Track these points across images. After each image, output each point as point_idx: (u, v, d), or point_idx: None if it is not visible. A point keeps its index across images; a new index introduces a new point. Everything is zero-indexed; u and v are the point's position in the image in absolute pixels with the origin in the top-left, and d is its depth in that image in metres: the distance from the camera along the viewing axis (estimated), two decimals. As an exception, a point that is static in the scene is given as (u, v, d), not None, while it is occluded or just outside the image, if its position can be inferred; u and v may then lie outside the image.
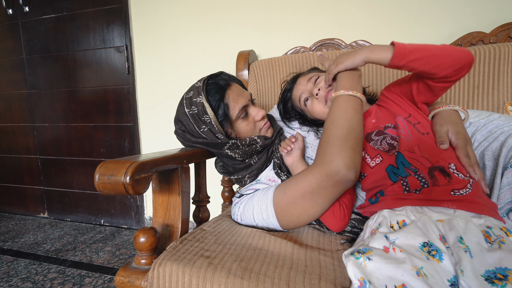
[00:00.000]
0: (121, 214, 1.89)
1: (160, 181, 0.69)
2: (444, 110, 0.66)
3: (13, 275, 1.32)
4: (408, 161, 0.60)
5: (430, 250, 0.44)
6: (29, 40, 1.90)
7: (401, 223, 0.51)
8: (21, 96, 1.99)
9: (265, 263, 0.53)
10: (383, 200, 0.61)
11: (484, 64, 0.94)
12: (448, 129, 0.62)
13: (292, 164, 0.73)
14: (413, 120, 0.65)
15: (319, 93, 0.74)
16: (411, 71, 0.60)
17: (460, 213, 0.50)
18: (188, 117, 0.73)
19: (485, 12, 1.11)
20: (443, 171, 0.56)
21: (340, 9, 1.28)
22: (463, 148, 0.58)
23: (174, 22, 1.56)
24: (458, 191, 0.53)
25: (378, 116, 0.70)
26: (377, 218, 0.55)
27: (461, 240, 0.44)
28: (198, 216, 0.85)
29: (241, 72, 1.21)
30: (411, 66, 0.57)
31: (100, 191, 0.53)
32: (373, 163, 0.64)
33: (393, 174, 0.61)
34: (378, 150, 0.65)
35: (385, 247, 0.46)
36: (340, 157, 0.56)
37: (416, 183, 0.57)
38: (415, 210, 0.53)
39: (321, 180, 0.58)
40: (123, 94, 1.75)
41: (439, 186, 0.55)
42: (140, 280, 0.56)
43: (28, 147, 2.04)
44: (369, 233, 0.54)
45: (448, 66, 0.56)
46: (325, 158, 0.58)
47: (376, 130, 0.68)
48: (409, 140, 0.62)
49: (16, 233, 1.83)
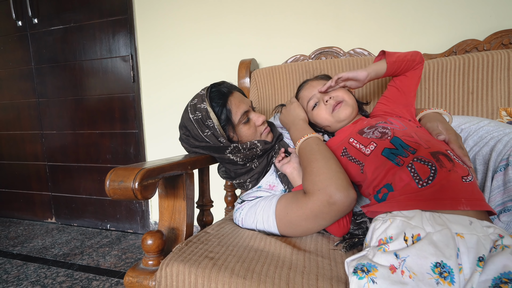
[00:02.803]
0: (126, 219, 1.93)
1: (166, 187, 0.73)
2: (429, 112, 0.72)
3: (23, 278, 1.36)
4: (406, 143, 0.61)
5: (442, 272, 0.42)
6: (37, 50, 1.96)
7: (415, 237, 0.47)
8: (30, 105, 2.05)
9: (266, 264, 0.56)
10: (392, 199, 0.57)
11: (478, 70, 0.97)
12: (438, 125, 0.66)
13: (292, 172, 0.75)
14: (405, 119, 0.72)
15: (329, 101, 0.79)
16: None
17: (475, 223, 0.47)
18: (192, 122, 0.77)
19: (479, 20, 1.14)
20: (446, 155, 0.57)
21: (339, 18, 1.32)
22: (455, 141, 0.61)
23: (177, 32, 1.61)
24: (467, 177, 0.54)
25: (370, 120, 0.77)
26: (388, 228, 0.50)
27: (478, 263, 0.42)
28: (202, 219, 0.88)
29: (243, 80, 1.25)
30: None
31: (111, 196, 0.57)
32: (368, 150, 0.66)
33: (393, 155, 0.61)
34: (371, 138, 0.67)
35: (392, 265, 0.44)
36: (332, 183, 0.59)
37: (425, 169, 0.55)
38: (432, 218, 0.49)
39: (322, 206, 0.60)
40: (129, 102, 1.80)
41: (447, 169, 0.54)
42: (148, 280, 0.59)
43: (37, 154, 2.09)
44: (376, 241, 0.50)
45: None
46: (319, 186, 0.60)
47: (368, 125, 0.72)
48: (405, 130, 0.66)
49: (25, 238, 1.87)
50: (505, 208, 0.60)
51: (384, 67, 0.79)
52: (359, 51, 1.20)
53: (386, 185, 0.59)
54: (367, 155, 0.66)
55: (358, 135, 0.71)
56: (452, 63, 0.99)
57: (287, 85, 1.17)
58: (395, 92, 0.82)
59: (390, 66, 0.79)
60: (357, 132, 0.72)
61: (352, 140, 0.71)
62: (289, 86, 1.16)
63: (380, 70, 0.80)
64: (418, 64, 0.81)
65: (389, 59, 0.79)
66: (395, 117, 0.75)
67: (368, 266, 0.44)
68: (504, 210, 0.60)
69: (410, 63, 0.80)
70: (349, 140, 0.72)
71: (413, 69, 0.81)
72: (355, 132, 0.73)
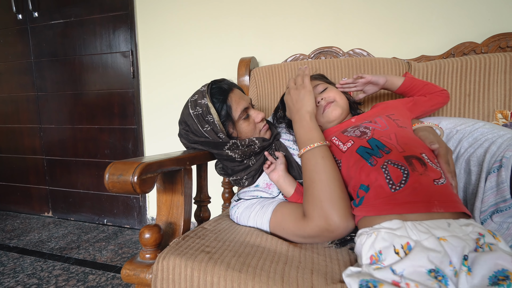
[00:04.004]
0: (123, 214, 1.93)
1: (164, 182, 0.74)
2: (420, 126, 0.73)
3: (19, 271, 1.37)
4: (382, 143, 0.63)
5: (437, 276, 0.43)
6: (37, 44, 1.96)
7: (405, 247, 0.47)
8: (28, 99, 2.05)
9: (262, 259, 0.57)
10: (368, 203, 0.57)
11: (475, 73, 0.98)
12: (429, 135, 0.67)
13: (278, 180, 0.76)
14: (394, 117, 0.72)
15: (321, 102, 0.79)
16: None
17: (453, 224, 0.49)
18: (192, 117, 0.78)
19: (477, 23, 1.15)
20: (419, 159, 0.58)
21: (339, 18, 1.32)
22: (444, 156, 0.62)
23: (178, 28, 1.61)
24: (439, 180, 0.56)
25: (358, 117, 0.78)
26: (374, 242, 0.50)
27: (464, 262, 0.43)
28: (199, 215, 0.89)
29: (242, 78, 1.26)
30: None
31: (110, 189, 0.58)
32: (345, 147, 0.68)
33: (367, 154, 0.62)
34: (350, 136, 0.69)
35: (394, 281, 0.43)
36: (335, 211, 0.58)
37: (398, 173, 0.56)
38: (414, 227, 0.49)
39: (320, 232, 0.60)
40: (128, 98, 1.80)
41: (419, 173, 0.55)
42: (145, 273, 0.60)
43: (35, 148, 2.09)
44: (367, 258, 0.50)
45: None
46: (320, 213, 0.59)
47: (353, 125, 0.74)
48: (386, 130, 0.67)
49: (21, 231, 1.87)
50: (498, 209, 0.61)
51: (401, 81, 0.85)
52: (358, 51, 1.21)
53: (361, 186, 0.60)
54: (343, 152, 0.67)
55: (341, 133, 0.72)
56: (450, 65, 1.00)
57: (286, 83, 1.17)
58: (408, 101, 0.84)
59: (407, 81, 0.84)
60: (341, 131, 0.73)
61: (334, 138, 0.73)
62: (288, 85, 1.17)
63: (395, 82, 0.86)
64: (440, 91, 0.84)
65: (408, 75, 0.84)
66: (385, 115, 0.75)
67: (373, 282, 0.43)
68: (496, 210, 0.61)
69: (429, 88, 0.84)
70: (332, 138, 0.74)
71: (433, 93, 0.84)
72: (339, 131, 0.74)
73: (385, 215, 0.53)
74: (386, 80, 0.87)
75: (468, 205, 0.69)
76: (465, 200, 0.70)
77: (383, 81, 0.87)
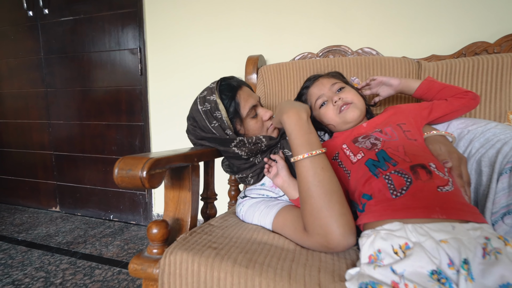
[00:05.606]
0: (130, 210, 1.95)
1: (172, 178, 0.74)
2: (431, 135, 0.71)
3: (27, 264, 1.39)
4: (389, 156, 0.62)
5: (440, 278, 0.42)
6: (47, 41, 1.98)
7: (403, 247, 0.46)
8: (38, 94, 2.07)
9: (269, 256, 0.57)
10: (369, 209, 0.57)
11: (487, 73, 0.96)
12: (440, 147, 0.66)
13: (283, 185, 0.74)
14: (405, 127, 0.70)
15: (338, 102, 0.77)
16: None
17: (458, 227, 0.48)
18: (200, 113, 0.78)
19: (489, 22, 1.13)
20: (425, 167, 0.57)
21: (347, 17, 1.31)
22: (456, 168, 0.61)
23: (186, 26, 1.61)
24: (444, 187, 0.54)
25: (370, 122, 0.76)
26: (373, 241, 0.50)
27: (463, 265, 0.42)
28: (206, 212, 0.89)
29: (250, 76, 1.26)
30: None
31: (118, 184, 0.58)
32: (355, 159, 0.67)
33: (373, 167, 0.61)
34: (361, 148, 0.68)
35: (393, 282, 0.43)
36: (335, 228, 0.54)
37: (401, 181, 0.56)
38: (414, 229, 0.48)
39: (320, 247, 0.58)
40: (135, 95, 1.81)
41: (423, 181, 0.55)
42: (152, 268, 0.60)
43: (43, 143, 2.12)
44: (366, 257, 0.50)
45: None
46: (320, 231, 0.56)
47: (364, 134, 0.72)
48: (395, 141, 0.66)
49: (29, 225, 1.90)
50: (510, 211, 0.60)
51: (417, 83, 0.83)
52: (367, 50, 1.20)
53: (364, 195, 0.60)
54: (353, 163, 0.67)
55: (352, 143, 0.71)
56: (461, 65, 0.99)
57: (294, 82, 1.17)
58: (424, 106, 0.79)
59: (424, 84, 0.81)
60: (352, 140, 0.72)
61: (344, 147, 0.72)
62: (296, 83, 1.17)
63: (412, 84, 0.84)
64: (462, 93, 0.78)
65: (429, 78, 0.81)
66: (395, 125, 0.72)
67: (372, 284, 0.43)
68: (508, 212, 0.60)
69: (450, 90, 0.79)
70: (342, 146, 0.72)
71: (454, 95, 0.78)
72: (349, 139, 0.73)
73: (386, 219, 0.53)
74: (400, 82, 0.85)
75: (479, 207, 0.68)
76: (475, 201, 0.69)
77: (396, 82, 0.86)
